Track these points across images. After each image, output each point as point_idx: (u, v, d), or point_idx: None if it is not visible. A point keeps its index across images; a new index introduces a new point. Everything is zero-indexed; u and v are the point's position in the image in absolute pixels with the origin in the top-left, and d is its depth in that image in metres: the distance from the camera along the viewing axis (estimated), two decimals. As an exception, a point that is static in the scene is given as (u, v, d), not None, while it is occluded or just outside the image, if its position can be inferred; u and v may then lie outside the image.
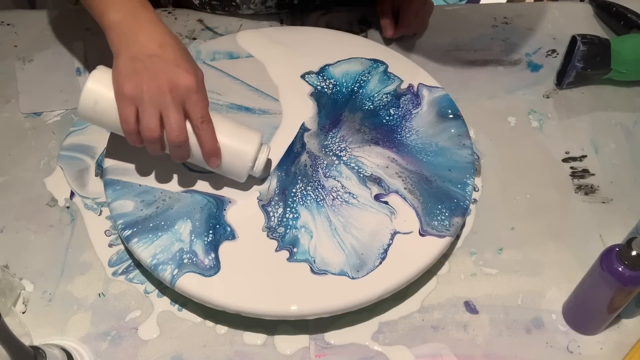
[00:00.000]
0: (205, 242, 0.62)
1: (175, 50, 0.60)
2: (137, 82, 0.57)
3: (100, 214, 0.70)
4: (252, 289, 0.60)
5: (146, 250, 0.61)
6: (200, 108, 0.59)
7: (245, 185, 0.67)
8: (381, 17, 0.86)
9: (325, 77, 0.77)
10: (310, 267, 0.61)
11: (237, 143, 0.62)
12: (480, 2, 1.60)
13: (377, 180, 0.67)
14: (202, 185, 0.67)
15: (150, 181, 0.66)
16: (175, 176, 0.67)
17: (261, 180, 0.67)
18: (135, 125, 0.59)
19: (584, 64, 0.79)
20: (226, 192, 0.66)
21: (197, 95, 0.59)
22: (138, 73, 0.58)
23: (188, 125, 0.60)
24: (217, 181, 0.67)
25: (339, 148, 0.70)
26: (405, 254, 0.62)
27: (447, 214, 0.65)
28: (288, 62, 0.79)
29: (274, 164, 0.69)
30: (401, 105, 0.74)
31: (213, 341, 0.61)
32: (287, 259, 0.62)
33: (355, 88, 0.76)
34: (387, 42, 0.87)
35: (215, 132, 0.61)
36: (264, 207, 0.65)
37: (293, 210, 0.65)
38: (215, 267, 0.61)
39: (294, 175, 0.68)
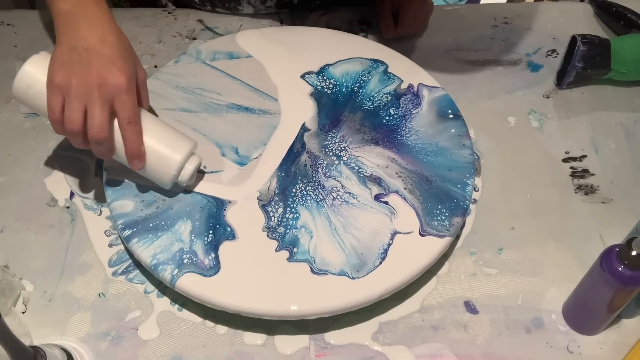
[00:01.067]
0: (205, 242, 0.62)
1: (115, 47, 0.60)
2: (69, 73, 0.57)
3: (100, 214, 0.70)
4: (252, 289, 0.60)
5: (146, 250, 0.61)
6: (128, 109, 0.59)
7: (244, 185, 0.67)
8: (381, 18, 0.86)
9: (325, 77, 0.77)
10: (310, 267, 0.61)
11: (164, 149, 0.62)
12: (480, 2, 1.60)
13: (377, 180, 0.67)
14: (202, 186, 0.67)
15: (150, 181, 0.66)
16: (175, 176, 0.67)
17: (186, 190, 0.66)
18: (60, 115, 0.58)
19: (584, 64, 0.79)
20: (226, 192, 0.66)
21: (127, 95, 0.59)
22: (71, 64, 0.58)
23: (117, 123, 0.60)
24: (216, 182, 0.67)
25: (339, 148, 0.70)
26: (405, 254, 0.62)
27: (447, 214, 0.65)
28: (288, 62, 0.79)
29: (276, 164, 0.69)
30: (401, 105, 0.74)
31: (213, 341, 0.61)
32: (287, 259, 0.62)
33: (355, 88, 0.76)
34: (387, 42, 0.87)
35: (142, 134, 0.61)
36: (264, 207, 0.65)
37: (293, 210, 0.65)
38: (215, 267, 0.61)
39: (294, 175, 0.68)
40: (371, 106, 0.74)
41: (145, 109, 0.64)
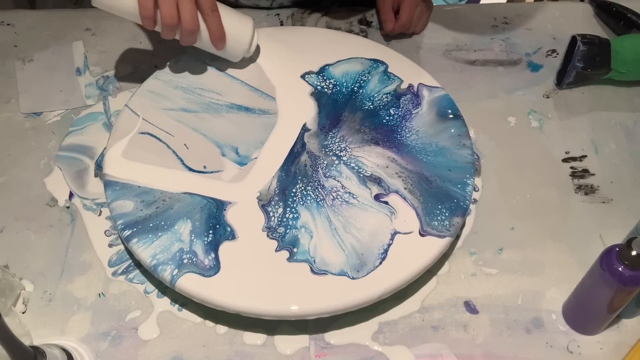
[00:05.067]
0: (205, 242, 0.62)
1: None
2: None
3: (100, 214, 0.70)
4: (252, 289, 0.60)
5: (146, 250, 0.61)
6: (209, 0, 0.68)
7: (244, 185, 0.67)
8: (381, 12, 0.86)
9: (325, 77, 0.77)
10: (310, 267, 0.61)
11: (235, 30, 0.73)
12: (480, 2, 1.60)
13: (377, 180, 0.67)
14: (202, 186, 0.67)
15: (150, 181, 0.66)
16: (175, 176, 0.67)
17: (249, 58, 0.78)
18: (152, 12, 0.66)
19: (584, 64, 0.79)
20: (226, 192, 0.66)
21: None
22: None
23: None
24: (216, 182, 0.67)
25: (339, 148, 0.70)
26: (405, 254, 0.62)
27: (447, 214, 0.65)
28: (288, 62, 0.79)
29: (276, 164, 0.69)
30: (401, 105, 0.74)
31: (213, 341, 0.61)
32: (287, 259, 0.62)
33: (355, 88, 0.76)
34: (387, 39, 0.87)
35: (221, 19, 0.70)
36: (264, 207, 0.65)
37: (293, 210, 0.65)
38: (215, 267, 0.61)
39: (294, 175, 0.68)
40: (371, 106, 0.74)
41: None
